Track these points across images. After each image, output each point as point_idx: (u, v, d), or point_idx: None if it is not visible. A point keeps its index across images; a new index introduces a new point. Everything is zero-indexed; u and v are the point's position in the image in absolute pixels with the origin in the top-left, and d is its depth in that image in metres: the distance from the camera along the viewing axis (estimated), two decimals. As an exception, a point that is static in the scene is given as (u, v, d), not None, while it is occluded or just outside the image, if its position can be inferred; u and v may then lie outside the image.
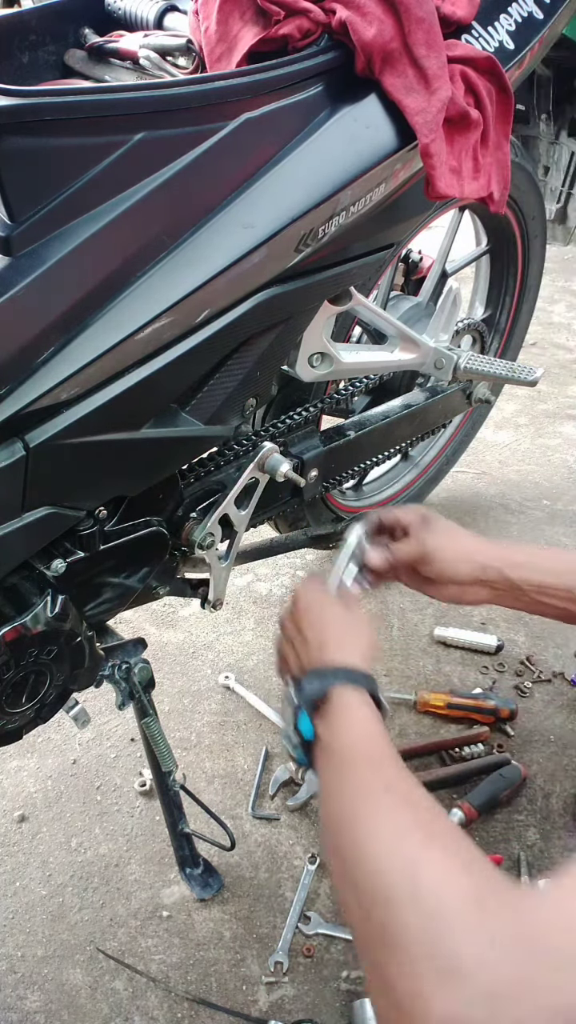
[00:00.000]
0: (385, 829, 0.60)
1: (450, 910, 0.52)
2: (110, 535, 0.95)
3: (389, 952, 0.52)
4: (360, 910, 0.57)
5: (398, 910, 0.53)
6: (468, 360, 1.31)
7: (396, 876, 0.55)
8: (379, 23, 0.86)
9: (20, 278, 0.69)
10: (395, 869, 0.56)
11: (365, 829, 0.61)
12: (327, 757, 0.72)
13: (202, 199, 0.81)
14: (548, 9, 1.11)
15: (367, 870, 0.58)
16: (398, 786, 0.65)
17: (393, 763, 0.68)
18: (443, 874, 0.54)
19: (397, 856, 0.57)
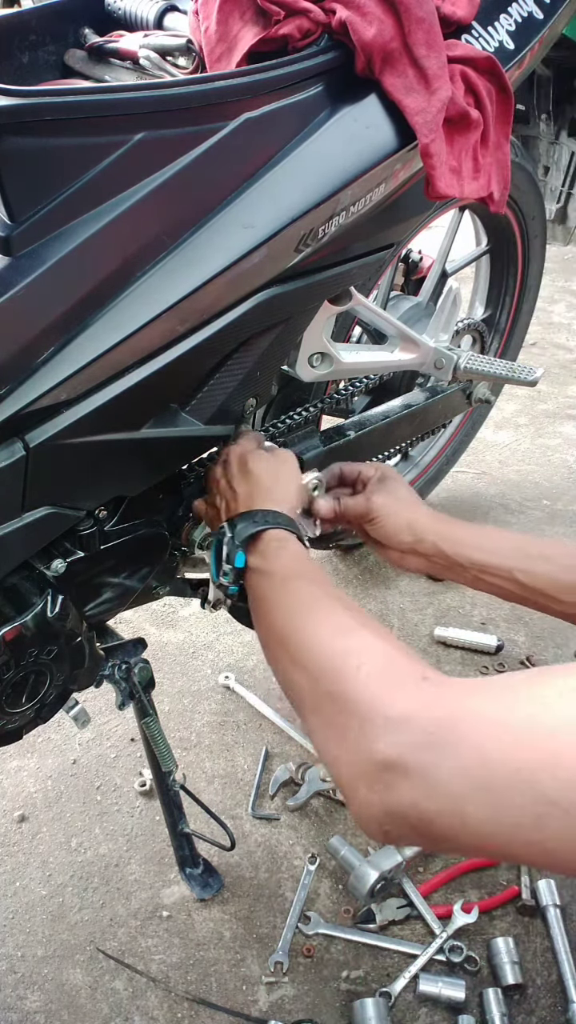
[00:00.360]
0: (332, 621, 0.69)
1: (398, 679, 0.61)
2: (110, 535, 0.95)
3: (342, 710, 0.61)
4: (310, 683, 0.66)
5: (347, 682, 0.62)
6: (468, 360, 1.31)
7: (343, 658, 0.64)
8: (379, 23, 0.86)
9: (20, 278, 0.69)
10: (346, 650, 0.64)
11: (313, 623, 0.70)
12: (265, 580, 0.80)
13: (202, 199, 0.81)
14: (548, 9, 1.11)
15: (319, 652, 0.66)
16: (336, 594, 0.74)
17: (328, 581, 0.77)
18: (389, 654, 0.63)
19: (344, 643, 0.65)
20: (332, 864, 1.25)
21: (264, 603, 0.79)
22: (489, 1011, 1.08)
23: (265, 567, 0.81)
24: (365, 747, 0.58)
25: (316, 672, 0.66)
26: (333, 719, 0.62)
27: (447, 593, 1.72)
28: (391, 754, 0.56)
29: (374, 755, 0.57)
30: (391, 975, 1.13)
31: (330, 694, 0.63)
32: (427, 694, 0.58)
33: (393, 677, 0.61)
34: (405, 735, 0.56)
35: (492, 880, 1.23)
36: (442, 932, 1.15)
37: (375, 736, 0.57)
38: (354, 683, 0.62)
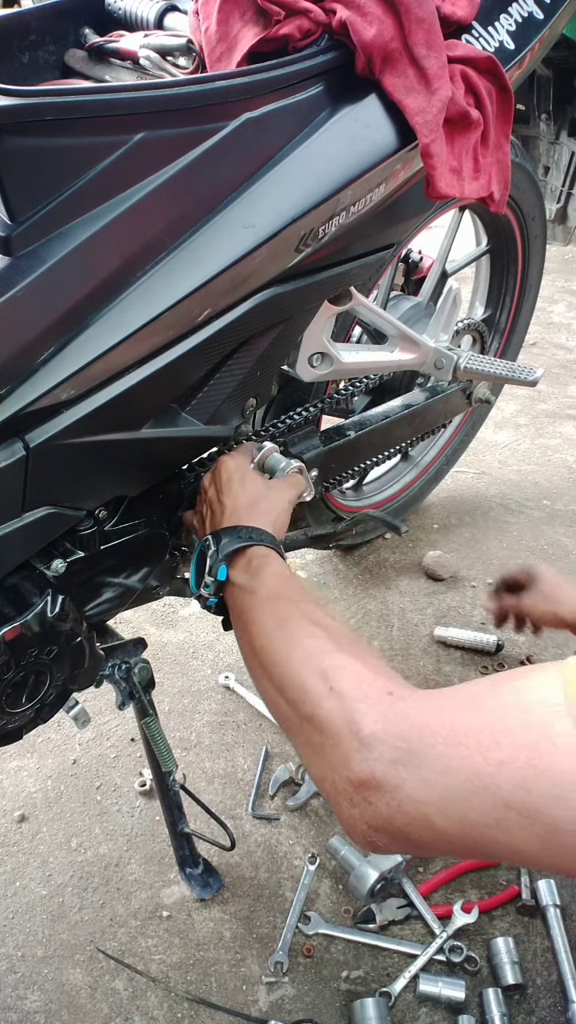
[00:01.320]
0: (307, 646, 0.71)
1: (366, 697, 0.63)
2: (110, 535, 0.95)
3: (319, 732, 0.64)
4: (288, 706, 0.69)
5: (321, 703, 0.65)
6: (468, 360, 1.31)
7: (317, 680, 0.67)
8: (379, 23, 0.86)
9: (20, 278, 0.69)
10: (319, 673, 0.67)
11: (290, 647, 0.72)
12: (248, 597, 0.81)
13: (202, 199, 0.81)
14: (548, 9, 1.11)
15: (295, 676, 0.69)
16: (315, 615, 0.76)
17: (309, 600, 0.78)
18: (360, 673, 0.66)
19: (318, 665, 0.68)
20: (332, 864, 1.25)
21: (244, 621, 0.80)
22: (489, 1011, 1.08)
23: (247, 584, 0.82)
24: (341, 767, 0.61)
25: (293, 697, 0.69)
26: (312, 740, 0.66)
27: (447, 593, 1.72)
28: (364, 773, 0.60)
29: (349, 775, 0.61)
30: (391, 975, 1.13)
31: (307, 718, 0.66)
32: (392, 711, 0.62)
33: (362, 696, 0.64)
34: (374, 753, 0.60)
35: (492, 880, 1.23)
36: (442, 932, 1.15)
37: (348, 757, 0.61)
38: (328, 706, 0.65)
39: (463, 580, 1.76)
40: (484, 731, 0.56)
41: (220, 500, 0.92)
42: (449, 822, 0.57)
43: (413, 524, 1.89)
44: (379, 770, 0.59)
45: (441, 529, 1.91)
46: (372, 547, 1.85)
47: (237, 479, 0.93)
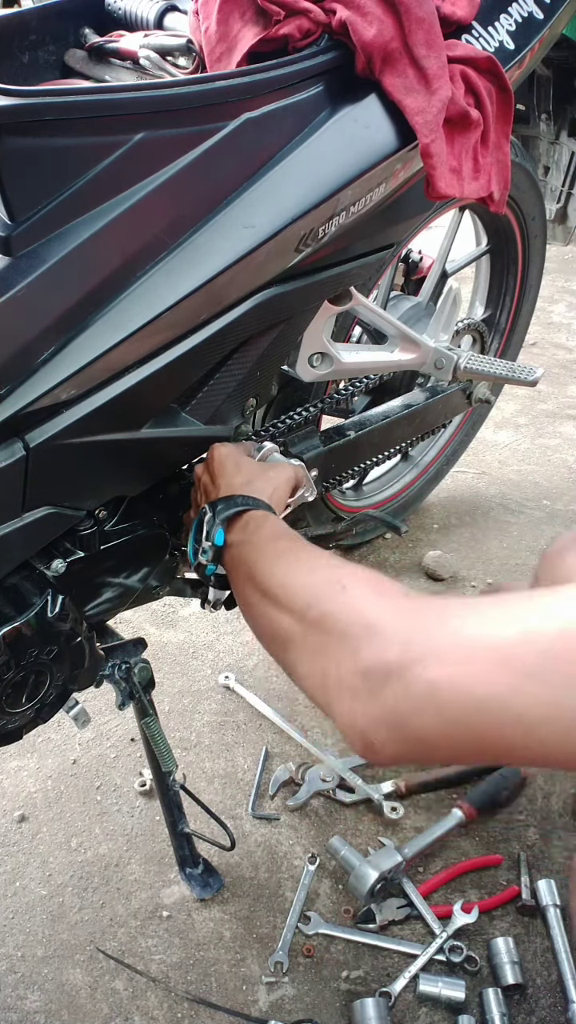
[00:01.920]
0: (316, 562, 0.71)
1: (382, 594, 0.63)
2: (110, 535, 0.95)
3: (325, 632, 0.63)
4: (293, 618, 0.67)
5: (336, 597, 0.64)
6: (468, 360, 1.31)
7: (328, 585, 0.66)
8: (379, 23, 0.86)
9: (20, 278, 0.69)
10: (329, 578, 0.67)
11: (297, 567, 0.72)
12: (247, 547, 0.79)
13: (202, 199, 0.81)
14: (548, 9, 1.11)
15: (301, 585, 0.69)
16: (320, 551, 0.75)
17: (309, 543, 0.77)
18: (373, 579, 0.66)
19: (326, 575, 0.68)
20: (332, 864, 1.25)
21: (246, 565, 0.78)
22: (489, 1011, 1.08)
23: (246, 538, 0.80)
24: (349, 658, 0.59)
25: (302, 605, 0.67)
26: (315, 644, 0.64)
27: (447, 593, 1.72)
28: (373, 658, 0.58)
29: (357, 663, 0.59)
30: (391, 975, 1.13)
31: (316, 621, 0.65)
32: (409, 602, 0.61)
33: (376, 593, 0.63)
34: (386, 637, 0.58)
35: (492, 880, 1.23)
36: (442, 932, 1.15)
37: (358, 645, 0.59)
38: (339, 602, 0.63)
39: (463, 580, 1.76)
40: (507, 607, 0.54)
41: (214, 483, 0.91)
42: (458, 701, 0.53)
43: (413, 524, 1.89)
44: (390, 652, 0.57)
45: (441, 529, 1.91)
46: (372, 547, 1.85)
47: (231, 463, 0.92)
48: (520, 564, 1.79)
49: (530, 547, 1.85)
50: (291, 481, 0.94)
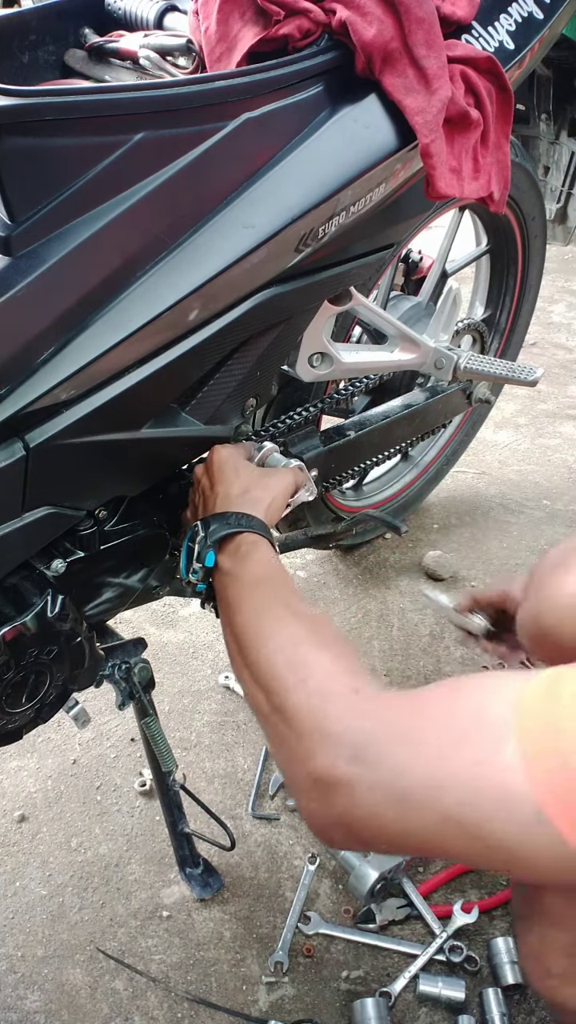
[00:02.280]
0: (284, 635, 0.72)
1: (332, 695, 0.64)
2: (110, 535, 0.95)
3: (286, 724, 0.66)
4: (263, 695, 0.70)
5: (290, 695, 0.66)
6: (468, 360, 1.31)
7: (288, 671, 0.68)
8: (379, 23, 0.86)
9: (20, 278, 0.69)
10: (291, 664, 0.68)
11: (267, 635, 0.73)
12: (233, 583, 0.81)
13: (202, 199, 0.81)
14: (548, 9, 1.11)
15: (268, 665, 0.70)
16: (296, 605, 0.76)
17: (291, 589, 0.79)
18: (329, 667, 0.67)
19: (290, 656, 0.69)
20: (332, 864, 1.25)
21: (227, 609, 0.80)
22: (489, 1011, 1.08)
23: (233, 570, 0.82)
24: (304, 761, 0.63)
25: (266, 687, 0.70)
26: (280, 731, 0.67)
27: (448, 593, 1.72)
28: (324, 769, 0.61)
29: (310, 770, 0.62)
30: (391, 975, 1.13)
31: (277, 709, 0.68)
32: (356, 709, 0.63)
33: (328, 692, 0.65)
34: (335, 750, 0.61)
35: (492, 880, 1.23)
36: (442, 932, 1.15)
37: (311, 752, 0.62)
38: (295, 699, 0.66)
39: (463, 580, 1.76)
40: (439, 740, 0.57)
41: (212, 488, 0.91)
42: (396, 825, 0.59)
43: (413, 524, 1.89)
44: (339, 767, 0.60)
45: (441, 529, 1.91)
46: (372, 547, 1.85)
47: (230, 467, 0.92)
48: (520, 564, 1.79)
49: (530, 547, 1.85)
50: (288, 489, 0.94)
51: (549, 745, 0.52)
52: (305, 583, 1.77)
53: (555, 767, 0.51)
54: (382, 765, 0.59)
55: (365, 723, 0.62)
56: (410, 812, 0.57)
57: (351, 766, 0.60)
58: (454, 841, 0.56)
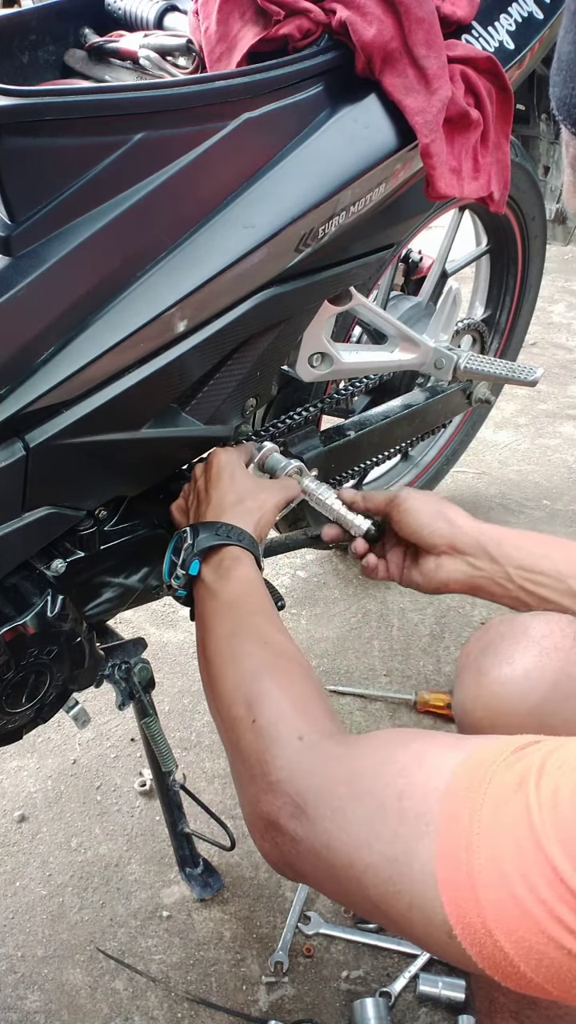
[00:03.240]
0: (245, 667, 0.71)
1: (279, 740, 0.64)
2: (110, 535, 0.95)
3: (239, 763, 0.66)
4: (223, 728, 0.71)
5: (243, 734, 0.66)
6: (468, 360, 1.31)
7: (243, 709, 0.67)
8: (379, 23, 0.86)
9: (20, 278, 0.69)
10: (247, 701, 0.68)
11: (231, 665, 0.72)
12: (211, 599, 0.80)
13: (202, 199, 0.81)
14: (548, 9, 1.11)
15: (226, 700, 0.70)
16: (265, 631, 0.75)
17: (266, 616, 0.77)
18: (281, 708, 0.66)
19: (247, 692, 0.69)
20: (332, 864, 1.25)
21: (201, 625, 0.80)
22: (489, 1011, 1.08)
23: (212, 584, 0.81)
24: (253, 802, 0.63)
25: (225, 720, 0.70)
26: (236, 766, 0.67)
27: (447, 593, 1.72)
28: (269, 815, 0.61)
29: (258, 812, 0.62)
30: (391, 975, 1.13)
31: (232, 744, 0.68)
32: (296, 761, 0.62)
33: (275, 738, 0.64)
34: (278, 801, 0.61)
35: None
36: (442, 932, 1.15)
37: (259, 795, 0.62)
38: (247, 739, 0.66)
39: (463, 580, 1.76)
40: (362, 825, 0.55)
41: (207, 492, 0.90)
42: (334, 892, 0.59)
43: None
44: (281, 819, 0.60)
45: (441, 529, 1.91)
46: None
47: (227, 474, 0.91)
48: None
49: (530, 547, 1.85)
50: (280, 504, 0.93)
51: (460, 859, 0.48)
52: (305, 583, 1.77)
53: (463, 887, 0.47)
54: (315, 833, 0.58)
55: (302, 780, 0.60)
56: (342, 887, 0.56)
57: (291, 822, 0.59)
58: (387, 924, 0.55)
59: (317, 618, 1.68)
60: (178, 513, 0.95)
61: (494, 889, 0.46)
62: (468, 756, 0.52)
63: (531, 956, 0.45)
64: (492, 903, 0.46)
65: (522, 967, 0.45)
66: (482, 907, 0.46)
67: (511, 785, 0.48)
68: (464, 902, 0.47)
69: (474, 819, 0.48)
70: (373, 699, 1.49)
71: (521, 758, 0.49)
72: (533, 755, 0.49)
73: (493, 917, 0.46)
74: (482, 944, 0.46)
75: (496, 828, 0.47)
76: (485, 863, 0.46)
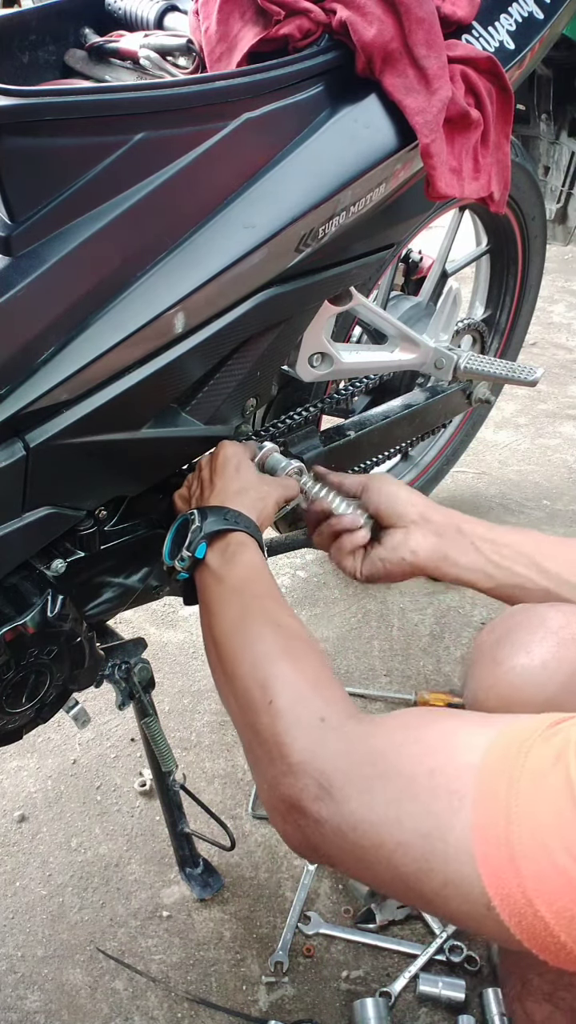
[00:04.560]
0: (258, 649, 0.71)
1: (298, 721, 0.63)
2: (110, 535, 0.95)
3: (257, 744, 0.65)
4: (237, 711, 0.70)
5: (260, 716, 0.66)
6: (468, 360, 1.31)
7: (259, 691, 0.67)
8: (379, 23, 0.86)
9: (20, 278, 0.69)
10: (260, 685, 0.67)
11: (245, 648, 0.72)
12: (216, 583, 0.80)
13: (202, 199, 0.81)
14: (548, 9, 1.11)
15: (240, 682, 0.70)
16: (276, 614, 0.75)
17: (275, 600, 0.78)
18: (297, 691, 0.66)
19: (263, 674, 0.68)
20: (332, 864, 1.25)
21: (208, 610, 0.80)
22: (489, 1011, 1.08)
23: (218, 569, 0.81)
24: (273, 785, 0.63)
25: (240, 702, 0.69)
26: (253, 749, 0.67)
27: (447, 593, 1.72)
28: (291, 797, 0.60)
29: (279, 794, 0.62)
30: (391, 975, 1.13)
31: (249, 726, 0.67)
32: (320, 742, 0.62)
33: (295, 719, 0.64)
34: (300, 782, 0.60)
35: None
36: (442, 932, 1.15)
37: (279, 778, 0.62)
38: (265, 719, 0.65)
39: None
40: (392, 803, 0.55)
41: (212, 480, 0.91)
42: (362, 873, 0.58)
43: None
44: (304, 800, 0.59)
45: (441, 529, 1.91)
46: (372, 547, 1.85)
47: (233, 465, 0.92)
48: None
49: (530, 547, 1.85)
50: (280, 501, 0.94)
51: (499, 832, 0.48)
52: (305, 583, 1.77)
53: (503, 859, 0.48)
54: (341, 814, 0.57)
55: (326, 761, 0.60)
56: (371, 867, 0.56)
57: (315, 803, 0.59)
58: (420, 905, 0.55)
59: (317, 618, 1.68)
60: (180, 500, 0.95)
61: (535, 860, 0.46)
62: (500, 732, 0.53)
63: (573, 925, 0.45)
64: (533, 873, 0.46)
65: (562, 937, 0.46)
66: (522, 878, 0.47)
67: (549, 758, 0.48)
68: (503, 873, 0.48)
69: (512, 792, 0.49)
70: (373, 699, 1.49)
71: (557, 732, 0.50)
72: (570, 729, 0.49)
73: (534, 887, 0.46)
74: (522, 915, 0.47)
75: (535, 799, 0.47)
76: (525, 834, 0.47)
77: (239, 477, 0.91)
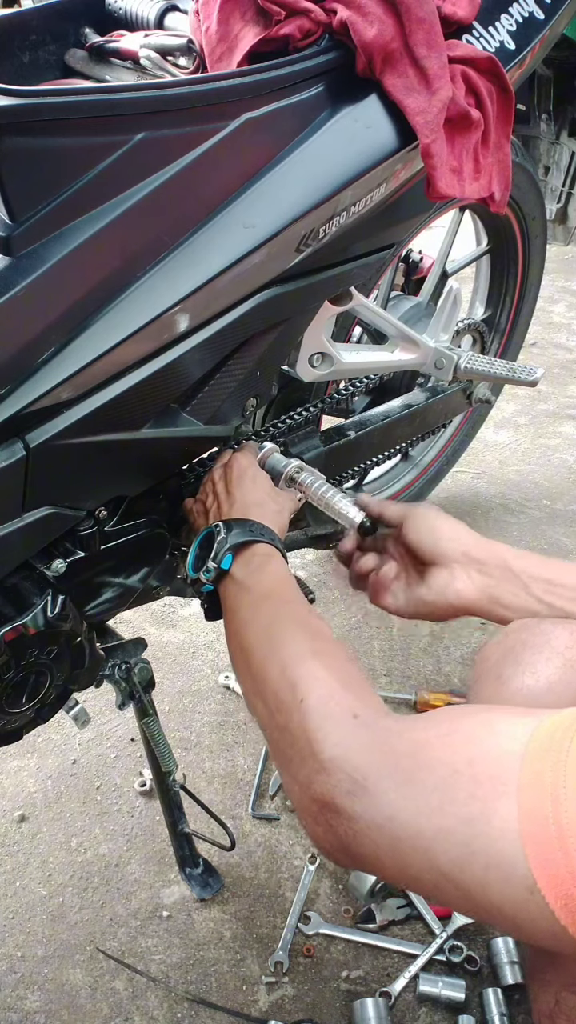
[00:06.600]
0: (287, 652, 0.71)
1: (331, 717, 0.63)
2: (110, 535, 0.95)
3: (288, 745, 0.65)
4: (267, 714, 0.70)
5: (291, 715, 0.65)
6: (468, 360, 1.31)
7: (290, 691, 0.67)
8: (380, 23, 0.86)
9: (20, 278, 0.69)
10: (291, 685, 0.67)
11: (271, 652, 0.72)
12: (244, 593, 0.81)
13: (203, 199, 0.81)
14: (549, 9, 1.11)
15: (271, 685, 0.70)
16: (302, 616, 0.76)
17: (301, 604, 0.78)
18: (330, 687, 0.66)
19: (293, 674, 0.68)
20: (332, 864, 1.25)
21: (234, 619, 0.80)
22: (489, 1011, 1.08)
23: (244, 580, 0.82)
24: (305, 785, 0.62)
25: (270, 704, 0.69)
26: (284, 751, 0.66)
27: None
28: (324, 796, 0.60)
29: (311, 794, 0.61)
30: (391, 975, 1.13)
31: (280, 728, 0.67)
32: (353, 737, 0.61)
33: (327, 715, 0.64)
34: (333, 779, 0.60)
35: (492, 880, 1.23)
36: (442, 932, 1.15)
37: (311, 777, 0.61)
38: (297, 719, 0.65)
39: (463, 580, 1.76)
40: (433, 792, 0.54)
41: (229, 491, 0.92)
42: (396, 870, 0.58)
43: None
44: (337, 798, 0.59)
45: (441, 529, 1.90)
46: (372, 547, 1.85)
47: (249, 476, 0.93)
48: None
49: (530, 547, 1.85)
50: (294, 512, 0.96)
51: (547, 813, 0.49)
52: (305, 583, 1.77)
53: (550, 840, 0.48)
54: (377, 806, 0.57)
55: (361, 756, 0.60)
56: (407, 860, 0.56)
57: (349, 800, 0.58)
58: (454, 897, 0.54)
59: (317, 618, 1.68)
60: (197, 514, 0.96)
61: None
62: (542, 721, 0.53)
63: None
64: None
65: None
66: (571, 859, 0.47)
67: None
68: (551, 854, 0.48)
69: (559, 775, 0.49)
70: (373, 699, 1.49)
71: None
72: None
73: None
74: (569, 896, 0.47)
75: None
76: (574, 815, 0.48)
77: (256, 489, 0.92)
